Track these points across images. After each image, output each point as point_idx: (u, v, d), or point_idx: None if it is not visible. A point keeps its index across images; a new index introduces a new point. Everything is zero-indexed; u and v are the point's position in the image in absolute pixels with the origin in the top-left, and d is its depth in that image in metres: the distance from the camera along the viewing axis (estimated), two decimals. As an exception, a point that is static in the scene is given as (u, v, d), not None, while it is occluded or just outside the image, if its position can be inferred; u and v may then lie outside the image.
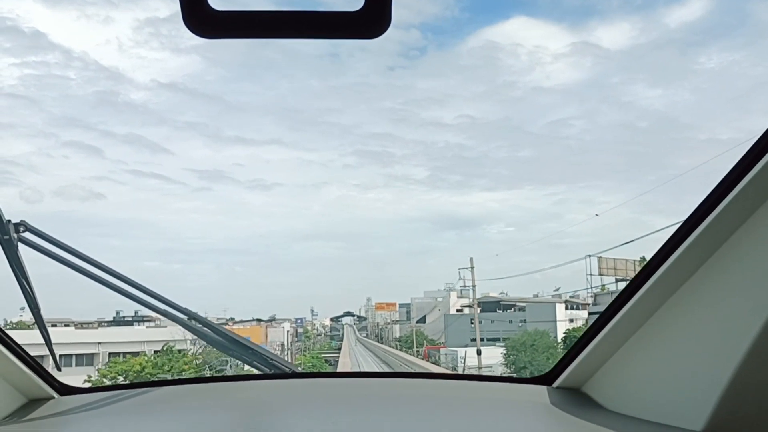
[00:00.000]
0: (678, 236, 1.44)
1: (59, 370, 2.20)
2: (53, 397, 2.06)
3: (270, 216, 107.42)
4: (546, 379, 2.08)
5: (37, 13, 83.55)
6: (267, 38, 0.81)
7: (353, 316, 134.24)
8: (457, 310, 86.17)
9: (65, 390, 2.11)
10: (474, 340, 73.85)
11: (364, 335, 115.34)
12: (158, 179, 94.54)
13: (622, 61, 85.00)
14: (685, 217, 1.44)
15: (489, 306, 79.06)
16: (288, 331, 68.54)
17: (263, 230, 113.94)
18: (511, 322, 72.27)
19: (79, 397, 2.09)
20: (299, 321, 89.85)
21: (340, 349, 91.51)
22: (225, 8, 0.78)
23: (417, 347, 70.51)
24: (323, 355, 74.05)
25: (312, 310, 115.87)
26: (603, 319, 1.76)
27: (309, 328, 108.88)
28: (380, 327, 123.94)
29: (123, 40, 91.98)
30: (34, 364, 1.96)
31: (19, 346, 1.89)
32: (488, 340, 72.36)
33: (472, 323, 76.52)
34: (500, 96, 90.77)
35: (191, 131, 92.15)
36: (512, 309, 78.76)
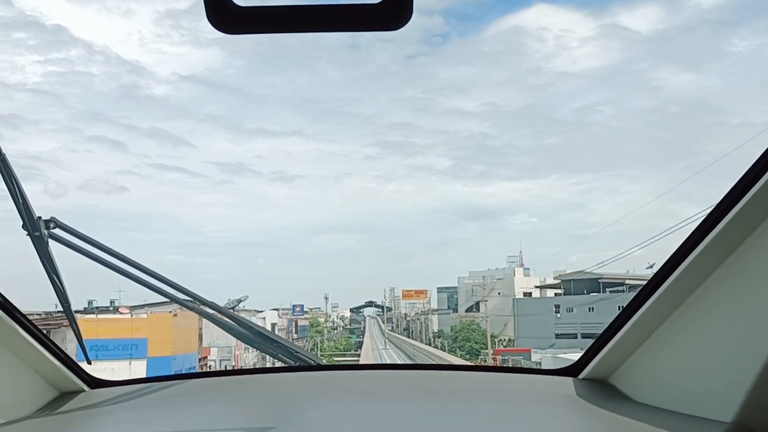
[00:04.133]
0: (705, 226, 1.41)
1: (89, 363, 2.23)
2: (84, 390, 2.08)
3: (291, 208, 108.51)
4: (572, 371, 2.05)
5: (58, 8, 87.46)
6: (289, 32, 0.83)
7: (377, 306, 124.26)
8: (525, 294, 61.05)
9: (95, 383, 2.13)
10: (563, 336, 49.09)
11: (389, 328, 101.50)
12: (181, 173, 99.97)
13: (651, 44, 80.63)
14: (714, 205, 1.40)
15: (580, 286, 52.49)
16: (275, 324, 45.02)
17: (284, 222, 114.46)
18: (621, 308, 43.94)
19: (109, 390, 2.11)
20: (298, 309, 66.69)
21: (361, 346, 69.79)
22: (248, 4, 0.79)
23: (480, 347, 46.62)
24: (336, 359, 49.60)
25: (326, 298, 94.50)
26: (630, 309, 1.72)
27: (321, 319, 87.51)
28: (408, 319, 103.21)
29: (144, 33, 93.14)
30: (65, 357, 1.98)
31: (50, 339, 1.90)
32: (584, 337, 46.38)
33: (557, 311, 51.02)
34: (525, 82, 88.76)
35: (213, 124, 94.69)
36: (606, 290, 51.70)
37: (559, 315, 50.42)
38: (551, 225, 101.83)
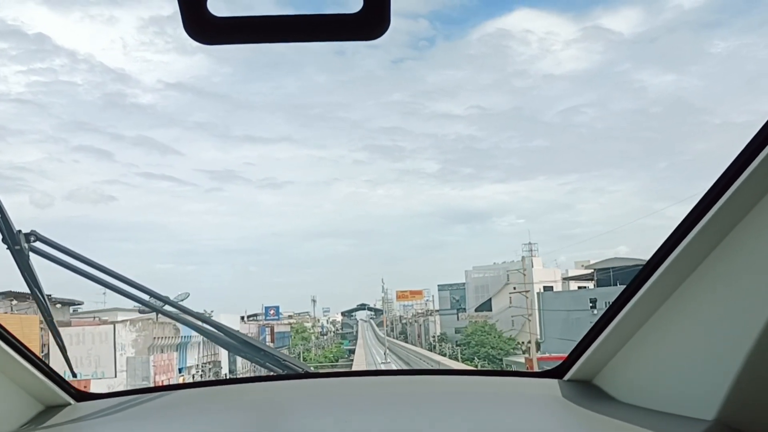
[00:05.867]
0: (685, 225, 1.42)
1: (74, 376, 2.19)
2: (69, 404, 2.05)
3: (281, 215, 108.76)
4: (557, 372, 2.05)
5: (41, 17, 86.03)
6: (267, 43, 0.82)
7: (369, 309, 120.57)
8: (545, 288, 51.24)
9: (81, 396, 2.10)
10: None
11: (384, 332, 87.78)
12: (169, 181, 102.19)
13: (633, 46, 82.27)
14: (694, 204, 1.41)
15: (620, 275, 42.87)
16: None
17: (275, 229, 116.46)
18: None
19: (95, 402, 2.08)
20: (272, 312, 56.04)
21: (353, 352, 60.46)
22: (224, 14, 0.78)
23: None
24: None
25: (313, 300, 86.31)
26: (612, 310, 1.73)
27: (308, 324, 77.89)
28: (404, 321, 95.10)
29: (128, 40, 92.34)
30: (49, 371, 1.96)
31: (33, 353, 1.89)
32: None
33: (593, 306, 41.16)
34: (511, 85, 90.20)
35: (201, 131, 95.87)
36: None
37: (596, 311, 40.86)
38: (539, 226, 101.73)
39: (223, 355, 38.93)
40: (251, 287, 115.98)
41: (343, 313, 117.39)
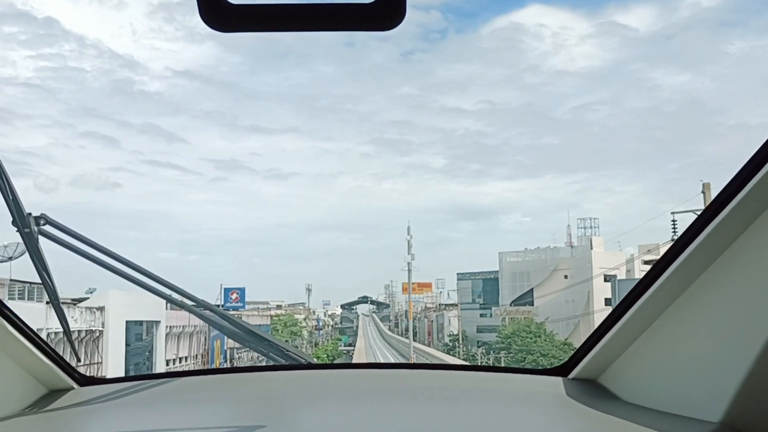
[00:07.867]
0: (696, 227, 1.42)
1: (79, 360, 2.48)
2: (73, 388, 2.06)
3: (286, 206, 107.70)
4: (562, 371, 2.04)
5: (50, 2, 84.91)
6: (283, 31, 0.83)
7: (372, 302, 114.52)
8: (605, 277, 39.10)
9: (85, 380, 2.11)
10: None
11: (387, 327, 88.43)
12: (175, 169, 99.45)
13: (649, 43, 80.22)
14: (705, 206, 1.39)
15: None
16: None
17: (279, 221, 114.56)
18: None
19: (98, 387, 2.10)
20: (234, 297, 42.67)
21: (351, 347, 57.64)
22: (241, 2, 0.79)
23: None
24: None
25: (308, 289, 75.84)
26: (620, 309, 1.73)
27: (300, 316, 66.27)
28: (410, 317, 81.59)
29: (137, 26, 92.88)
30: (53, 354, 1.97)
31: (39, 336, 1.90)
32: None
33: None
34: (522, 81, 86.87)
35: (207, 120, 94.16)
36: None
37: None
38: (545, 225, 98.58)
39: (112, 364, 26.88)
40: (254, 278, 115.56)
41: (342, 306, 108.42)
